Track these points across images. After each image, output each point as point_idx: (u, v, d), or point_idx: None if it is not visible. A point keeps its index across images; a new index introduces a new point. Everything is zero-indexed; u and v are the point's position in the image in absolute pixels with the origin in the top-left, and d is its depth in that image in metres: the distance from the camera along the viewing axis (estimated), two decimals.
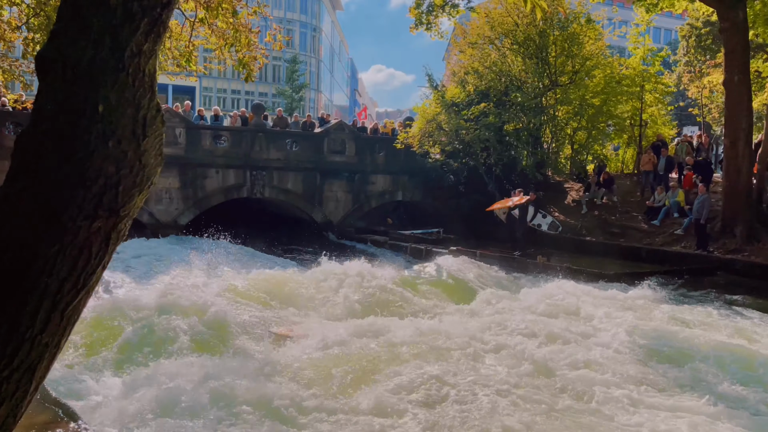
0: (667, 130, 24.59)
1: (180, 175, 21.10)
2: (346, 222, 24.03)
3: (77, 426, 4.81)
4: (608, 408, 6.43)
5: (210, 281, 10.71)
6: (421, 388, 6.56)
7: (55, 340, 1.61)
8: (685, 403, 6.73)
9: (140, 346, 7.72)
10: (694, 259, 15.49)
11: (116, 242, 1.68)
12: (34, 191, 1.56)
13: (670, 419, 6.19)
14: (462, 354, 7.88)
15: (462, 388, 6.61)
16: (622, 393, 6.85)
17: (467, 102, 21.82)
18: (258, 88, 60.54)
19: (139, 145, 1.65)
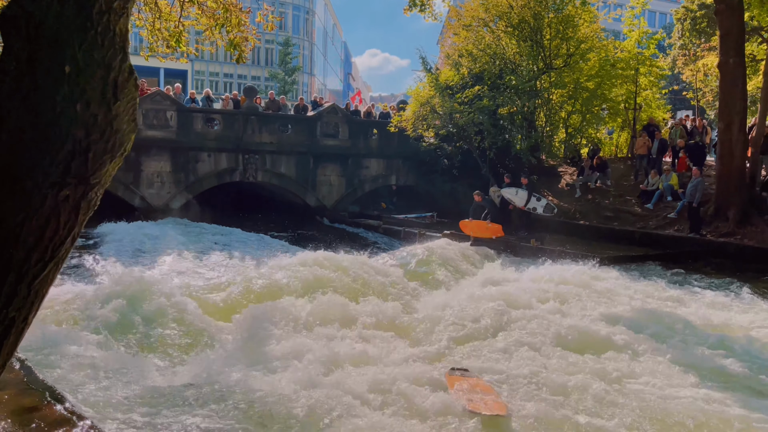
0: (662, 113, 24.53)
1: (172, 159, 20.90)
2: (339, 206, 23.93)
3: (64, 409, 4.74)
4: (596, 384, 6.42)
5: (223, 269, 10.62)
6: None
7: (22, 315, 1.53)
8: (673, 379, 6.73)
9: (131, 330, 7.65)
10: (686, 242, 15.51)
11: (87, 212, 1.60)
12: None
13: (658, 396, 6.18)
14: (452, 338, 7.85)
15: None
16: (613, 369, 6.85)
17: (461, 85, 21.66)
18: (250, 72, 60.07)
19: (109, 108, 1.56)
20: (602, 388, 6.33)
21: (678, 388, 6.56)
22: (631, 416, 5.79)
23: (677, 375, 7.00)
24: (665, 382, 6.72)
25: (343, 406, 5.51)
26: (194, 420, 5.07)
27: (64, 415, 4.66)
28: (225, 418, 5.12)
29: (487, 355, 7.39)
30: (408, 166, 24.67)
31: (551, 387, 6.31)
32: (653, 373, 7.02)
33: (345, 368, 6.48)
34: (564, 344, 7.77)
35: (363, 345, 7.31)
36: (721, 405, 6.13)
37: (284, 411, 5.36)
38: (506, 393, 6.18)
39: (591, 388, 6.31)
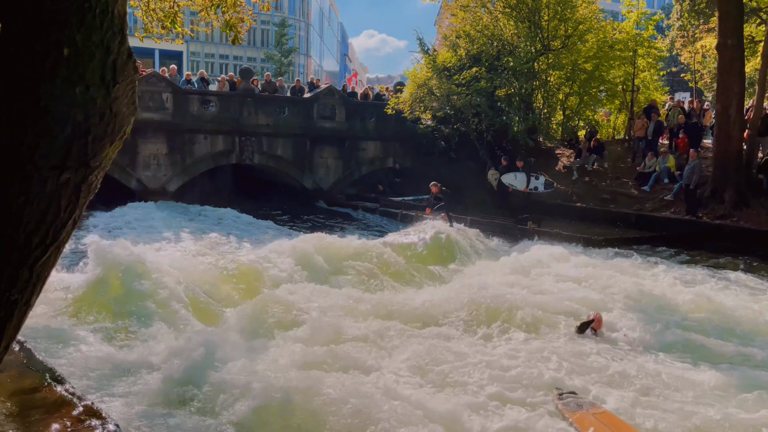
0: (659, 95, 24.45)
1: (168, 141, 20.80)
2: (336, 189, 23.89)
3: (64, 390, 4.78)
4: (596, 363, 6.49)
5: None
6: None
7: (24, 297, 1.54)
8: (668, 359, 6.80)
9: (128, 313, 7.67)
10: (683, 224, 15.56)
11: (87, 195, 1.60)
12: None
13: (651, 376, 6.25)
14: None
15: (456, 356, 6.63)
16: (608, 351, 6.92)
17: (459, 67, 21.54)
18: (246, 53, 59.61)
19: (109, 91, 1.56)
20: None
21: (666, 362, 6.63)
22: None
23: (670, 353, 7.07)
24: (656, 360, 6.79)
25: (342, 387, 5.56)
26: (191, 403, 5.12)
27: (64, 397, 4.69)
28: (223, 402, 5.16)
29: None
30: (405, 148, 24.59)
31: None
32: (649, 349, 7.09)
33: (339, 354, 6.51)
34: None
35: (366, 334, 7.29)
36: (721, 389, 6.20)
37: (279, 395, 5.41)
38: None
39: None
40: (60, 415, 4.38)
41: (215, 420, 4.90)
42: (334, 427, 4.96)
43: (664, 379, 6.27)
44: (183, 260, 9.34)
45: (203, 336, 6.66)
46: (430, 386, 5.89)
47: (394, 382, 5.80)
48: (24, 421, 4.29)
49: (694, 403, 5.79)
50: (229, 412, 5.01)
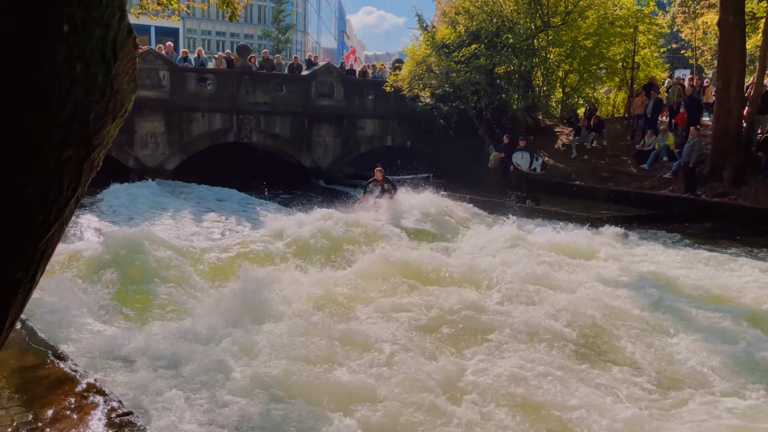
0: (659, 72, 24.31)
1: (165, 119, 20.68)
2: (335, 168, 23.83)
3: (67, 367, 4.82)
4: (595, 343, 6.55)
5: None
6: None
7: (28, 275, 1.55)
8: (668, 339, 6.86)
9: (129, 291, 7.71)
10: (681, 202, 15.58)
11: (89, 173, 1.60)
12: None
13: (652, 353, 6.32)
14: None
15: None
16: (608, 328, 6.97)
17: (458, 43, 21.36)
18: (243, 30, 59.03)
19: (109, 68, 1.54)
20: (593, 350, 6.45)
21: (666, 343, 6.69)
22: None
23: (669, 333, 7.13)
24: (657, 340, 6.84)
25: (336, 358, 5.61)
26: (195, 380, 5.17)
27: (66, 373, 4.74)
28: (225, 380, 5.21)
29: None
30: (404, 126, 24.49)
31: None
32: (647, 327, 7.15)
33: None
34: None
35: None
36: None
37: (278, 371, 5.46)
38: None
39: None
40: (63, 391, 4.43)
41: (218, 397, 4.95)
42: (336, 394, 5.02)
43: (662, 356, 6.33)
44: (185, 239, 9.36)
45: (206, 314, 6.71)
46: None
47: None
48: (27, 397, 4.33)
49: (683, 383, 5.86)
50: (232, 389, 5.07)
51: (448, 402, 5.11)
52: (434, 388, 5.27)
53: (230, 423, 4.54)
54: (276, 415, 4.69)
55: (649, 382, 5.79)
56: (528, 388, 5.41)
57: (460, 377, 5.59)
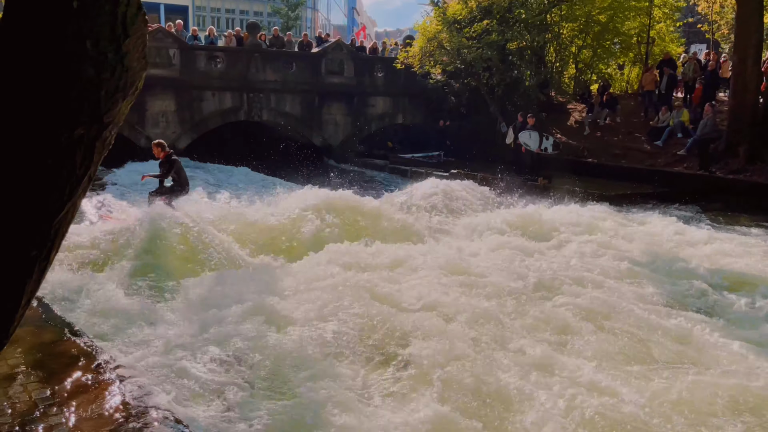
0: (675, 47, 23.86)
1: (176, 98, 20.67)
2: (345, 146, 23.76)
3: (83, 343, 4.89)
4: (606, 323, 6.53)
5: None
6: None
7: (43, 253, 1.56)
8: (678, 318, 6.82)
9: (145, 269, 7.76)
10: (695, 179, 15.40)
11: (102, 152, 1.60)
12: (9, 96, 1.46)
13: (661, 335, 6.29)
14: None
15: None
16: (623, 309, 6.94)
17: (469, 19, 21.06)
18: (253, 7, 58.53)
19: (119, 45, 1.53)
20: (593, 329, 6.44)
21: (680, 324, 6.67)
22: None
23: (682, 311, 7.10)
24: (668, 320, 6.82)
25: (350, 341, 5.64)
26: (210, 356, 5.22)
27: (83, 350, 4.81)
28: (240, 358, 5.26)
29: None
30: (415, 104, 24.31)
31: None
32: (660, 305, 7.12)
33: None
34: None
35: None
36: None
37: (294, 347, 5.51)
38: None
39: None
40: (80, 368, 4.50)
41: (233, 373, 5.00)
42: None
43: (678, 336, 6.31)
44: (201, 216, 9.39)
45: (223, 291, 6.76)
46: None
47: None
48: (45, 374, 4.41)
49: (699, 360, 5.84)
50: (249, 364, 5.12)
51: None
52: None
53: (249, 401, 4.59)
54: (297, 395, 4.73)
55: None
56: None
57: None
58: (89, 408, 3.95)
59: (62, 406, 3.97)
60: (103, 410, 3.93)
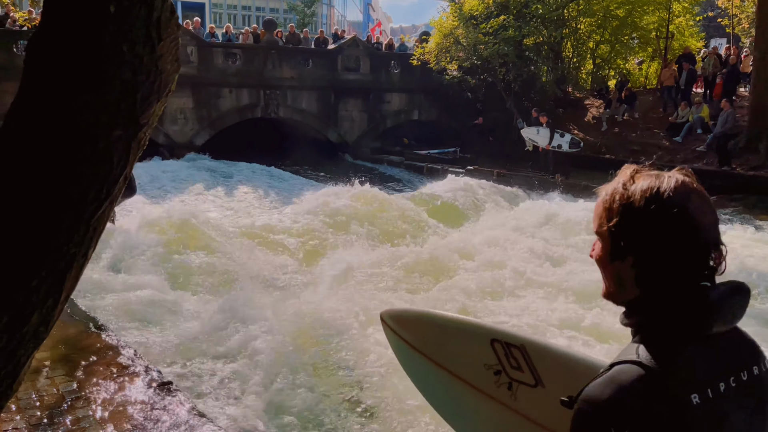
0: (695, 42, 23.59)
1: (193, 95, 20.84)
2: (361, 142, 23.80)
3: (108, 338, 4.99)
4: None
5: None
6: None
7: (82, 250, 1.61)
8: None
9: (175, 264, 7.84)
10: (715, 176, 15.21)
11: (137, 152, 1.64)
12: (49, 99, 1.51)
13: None
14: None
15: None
16: None
17: (486, 15, 20.96)
18: (269, 4, 58.77)
19: (154, 49, 1.57)
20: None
21: None
22: None
23: None
24: None
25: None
26: (232, 350, 5.29)
27: (108, 344, 4.91)
28: (262, 349, 5.32)
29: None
30: (431, 100, 24.26)
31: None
32: None
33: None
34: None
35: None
36: None
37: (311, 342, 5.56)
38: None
39: None
40: (105, 361, 4.59)
41: (255, 367, 5.07)
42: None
43: None
44: (224, 213, 9.51)
45: (245, 287, 6.83)
46: None
47: None
48: (71, 367, 4.50)
49: None
50: (269, 360, 5.18)
51: None
52: None
53: (271, 397, 4.65)
54: (315, 391, 4.78)
55: None
56: None
57: None
58: (114, 401, 4.03)
59: (88, 399, 4.06)
60: (127, 403, 4.01)
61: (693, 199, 1.22)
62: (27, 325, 1.64)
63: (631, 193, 1.25)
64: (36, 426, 3.71)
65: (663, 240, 1.16)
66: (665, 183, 1.25)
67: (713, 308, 1.14)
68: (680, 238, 1.16)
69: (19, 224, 1.55)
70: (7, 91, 17.38)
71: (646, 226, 1.18)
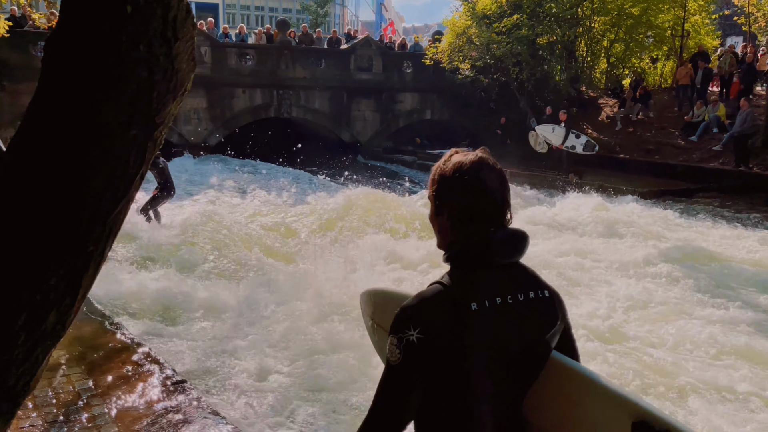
0: (710, 40, 23.32)
1: (207, 95, 20.98)
2: (374, 142, 23.81)
3: (123, 336, 5.02)
4: (634, 322, 6.46)
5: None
6: None
7: (98, 249, 1.62)
8: (715, 318, 6.70)
9: (190, 263, 7.89)
10: (732, 175, 15.06)
11: (153, 151, 1.65)
12: (67, 98, 1.52)
13: (700, 335, 6.19)
14: None
15: None
16: (652, 307, 6.86)
17: (499, 14, 20.89)
18: (282, 4, 59.00)
19: (170, 48, 1.57)
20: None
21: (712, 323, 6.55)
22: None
23: (718, 311, 6.97)
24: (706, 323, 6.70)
25: None
26: (247, 348, 5.31)
27: (123, 342, 4.94)
28: (279, 353, 5.33)
29: None
30: (443, 100, 24.22)
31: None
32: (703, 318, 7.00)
33: None
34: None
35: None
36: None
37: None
38: None
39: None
40: (120, 360, 4.62)
41: (271, 366, 5.08)
42: None
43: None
44: (239, 212, 9.55)
45: (261, 286, 6.85)
46: None
47: None
48: (87, 365, 4.54)
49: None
50: (285, 357, 5.19)
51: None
52: None
53: (286, 396, 4.66)
54: (331, 391, 4.78)
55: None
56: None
57: None
58: (129, 399, 4.06)
59: (104, 397, 4.09)
60: (143, 401, 4.03)
61: (485, 169, 1.60)
62: (45, 323, 1.65)
63: (445, 166, 1.64)
64: (52, 423, 3.74)
65: (464, 199, 1.58)
66: (467, 158, 1.62)
67: (494, 245, 1.54)
68: (475, 197, 1.57)
69: (36, 223, 1.56)
70: (24, 91, 17.66)
71: (453, 189, 1.59)
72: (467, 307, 1.45)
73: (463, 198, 1.58)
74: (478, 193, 1.57)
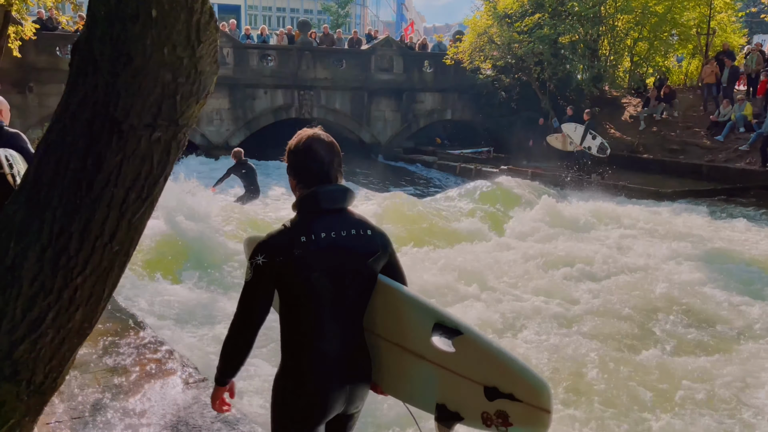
0: (737, 38, 22.91)
1: (229, 96, 21.17)
2: (394, 142, 23.82)
3: (146, 334, 5.09)
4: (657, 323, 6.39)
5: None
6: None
7: (124, 248, 1.66)
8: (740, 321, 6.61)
9: (212, 263, 7.96)
10: (759, 176, 14.78)
11: (176, 152, 1.68)
12: (94, 100, 1.56)
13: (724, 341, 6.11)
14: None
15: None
16: (678, 308, 6.78)
17: (521, 13, 20.76)
18: (303, 5, 59.32)
19: (194, 51, 1.60)
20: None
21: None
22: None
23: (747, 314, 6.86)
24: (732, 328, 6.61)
25: None
26: (270, 352, 5.35)
27: (146, 341, 5.01)
28: None
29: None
30: (464, 100, 24.13)
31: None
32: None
33: None
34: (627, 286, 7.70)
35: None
36: None
37: None
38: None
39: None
40: (144, 358, 4.69)
41: None
42: None
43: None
44: (261, 211, 9.62)
45: None
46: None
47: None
48: (112, 363, 4.61)
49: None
50: None
51: None
52: None
53: None
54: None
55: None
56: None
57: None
58: (153, 396, 4.11)
59: (129, 394, 4.15)
60: (166, 399, 4.09)
61: (315, 142, 2.19)
62: (72, 321, 1.69)
63: (292, 141, 2.23)
64: (78, 419, 3.81)
65: (299, 164, 2.18)
66: (305, 134, 2.23)
67: (319, 196, 2.10)
68: (307, 162, 2.16)
69: (64, 223, 1.59)
70: (51, 93, 18.01)
71: (294, 157, 2.19)
72: (298, 239, 2.03)
73: (299, 163, 2.17)
74: (309, 159, 2.15)
